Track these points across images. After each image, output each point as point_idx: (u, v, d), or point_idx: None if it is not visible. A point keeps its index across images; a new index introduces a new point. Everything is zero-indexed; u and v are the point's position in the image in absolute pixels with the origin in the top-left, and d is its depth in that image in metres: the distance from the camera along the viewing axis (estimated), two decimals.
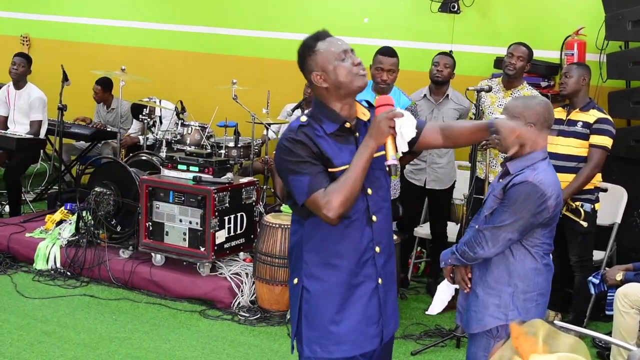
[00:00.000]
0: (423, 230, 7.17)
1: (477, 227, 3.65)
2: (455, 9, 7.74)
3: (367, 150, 3.03)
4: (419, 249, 7.36)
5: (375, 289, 3.23)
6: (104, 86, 9.17)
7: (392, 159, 3.01)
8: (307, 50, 3.17)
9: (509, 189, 3.57)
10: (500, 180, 3.70)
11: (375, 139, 3.02)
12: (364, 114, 3.27)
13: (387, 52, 5.68)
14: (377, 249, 3.22)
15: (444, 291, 3.99)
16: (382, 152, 3.11)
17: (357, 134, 3.20)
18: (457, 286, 3.88)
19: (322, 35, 3.18)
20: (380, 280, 3.24)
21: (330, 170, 3.09)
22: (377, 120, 3.02)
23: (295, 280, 3.26)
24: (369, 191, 3.17)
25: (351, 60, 3.12)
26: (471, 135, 3.35)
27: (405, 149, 3.04)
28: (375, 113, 3.10)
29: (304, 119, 3.17)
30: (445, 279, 3.91)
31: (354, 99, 3.22)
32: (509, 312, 3.59)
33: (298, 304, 3.23)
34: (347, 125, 3.17)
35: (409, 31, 8.08)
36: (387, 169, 3.03)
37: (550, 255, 3.72)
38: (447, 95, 6.66)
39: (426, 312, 5.67)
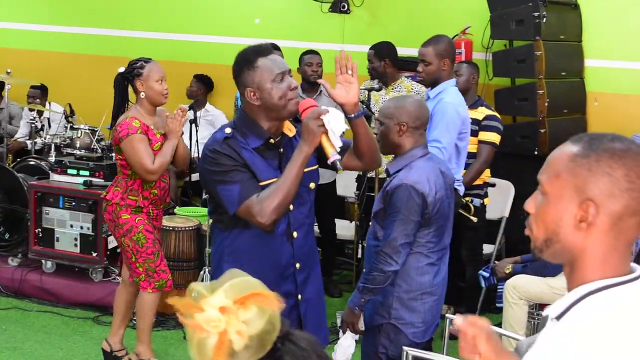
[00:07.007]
0: None
1: (378, 249, 3.63)
2: (345, 9, 7.81)
3: (302, 154, 3.00)
4: None
5: (294, 305, 3.25)
6: None
7: (333, 156, 2.99)
8: (246, 64, 3.12)
9: (391, 197, 3.62)
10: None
11: (308, 142, 2.98)
12: (289, 130, 3.25)
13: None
14: (298, 265, 3.24)
15: (351, 345, 3.76)
16: (309, 168, 3.14)
17: (282, 149, 3.19)
18: (357, 337, 3.78)
19: (264, 51, 3.13)
20: (300, 297, 3.27)
21: None
22: (305, 123, 2.99)
23: None
24: (291, 207, 3.14)
25: (288, 83, 3.09)
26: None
27: (340, 144, 3.00)
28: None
29: (228, 130, 3.13)
30: (348, 332, 3.72)
31: (282, 121, 3.19)
32: (391, 310, 3.67)
33: None
34: (272, 141, 3.15)
35: (300, 31, 8.11)
36: (332, 164, 3.02)
37: (438, 254, 3.76)
38: (321, 92, 6.66)
39: None
